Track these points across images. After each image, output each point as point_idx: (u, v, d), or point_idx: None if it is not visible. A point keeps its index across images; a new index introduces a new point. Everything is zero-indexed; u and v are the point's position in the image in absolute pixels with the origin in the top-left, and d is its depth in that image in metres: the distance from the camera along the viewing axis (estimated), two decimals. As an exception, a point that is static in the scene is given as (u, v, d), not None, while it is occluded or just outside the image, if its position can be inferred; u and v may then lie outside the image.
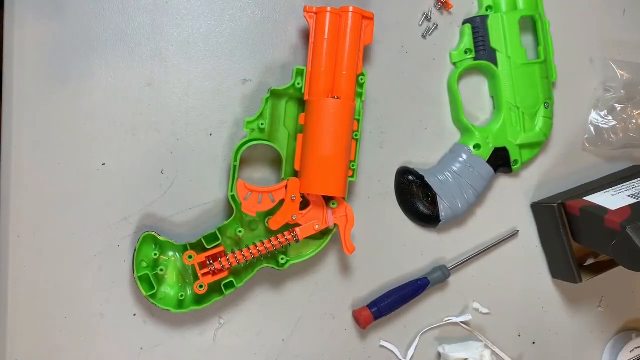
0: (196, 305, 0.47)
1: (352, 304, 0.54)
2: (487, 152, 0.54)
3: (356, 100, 0.49)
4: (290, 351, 0.53)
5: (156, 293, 0.47)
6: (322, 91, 0.47)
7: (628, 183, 0.56)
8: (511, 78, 0.54)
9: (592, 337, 0.62)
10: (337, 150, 0.46)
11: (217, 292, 0.48)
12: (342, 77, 0.47)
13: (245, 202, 0.47)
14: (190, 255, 0.46)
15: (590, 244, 0.54)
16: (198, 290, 0.46)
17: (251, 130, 0.47)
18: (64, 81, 0.46)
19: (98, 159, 0.47)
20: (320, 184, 0.46)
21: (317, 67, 0.47)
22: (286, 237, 0.48)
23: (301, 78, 0.48)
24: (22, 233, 0.46)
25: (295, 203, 0.47)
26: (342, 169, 0.47)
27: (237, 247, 0.48)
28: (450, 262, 0.56)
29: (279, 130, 0.49)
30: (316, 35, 0.47)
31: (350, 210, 0.49)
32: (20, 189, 0.46)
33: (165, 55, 0.49)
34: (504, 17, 0.54)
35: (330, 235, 0.50)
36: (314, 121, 0.46)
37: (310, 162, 0.46)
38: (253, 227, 0.49)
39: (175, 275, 0.48)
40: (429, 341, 0.57)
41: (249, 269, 0.48)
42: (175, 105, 0.49)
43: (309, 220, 0.48)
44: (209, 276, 0.47)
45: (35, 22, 0.46)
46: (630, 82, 0.59)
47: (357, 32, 0.48)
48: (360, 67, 0.48)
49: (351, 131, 0.47)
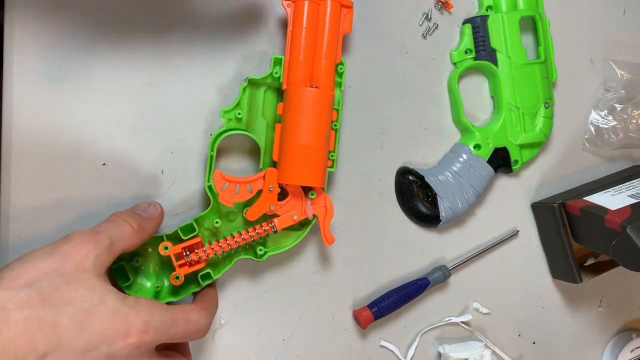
0: (173, 296, 0.47)
1: (352, 304, 0.54)
2: (487, 152, 0.54)
3: (335, 89, 0.49)
4: (290, 351, 0.53)
5: (132, 284, 0.46)
6: (301, 80, 0.46)
7: (628, 183, 0.56)
8: (511, 78, 0.54)
9: (593, 337, 0.62)
10: (315, 139, 0.45)
11: (195, 284, 0.47)
12: (321, 66, 0.47)
13: (223, 192, 0.46)
14: (166, 246, 0.45)
15: (590, 244, 0.54)
16: (174, 282, 0.45)
17: (228, 119, 0.47)
18: (64, 81, 0.46)
19: (98, 159, 0.47)
20: (299, 174, 0.46)
21: (295, 56, 0.46)
22: (264, 228, 0.47)
23: (279, 67, 0.47)
24: (22, 233, 0.46)
25: (273, 194, 0.47)
26: (321, 159, 0.46)
27: (215, 238, 0.48)
28: (450, 262, 0.56)
29: (257, 120, 0.48)
30: (294, 24, 0.46)
31: (330, 200, 0.48)
32: (20, 189, 0.46)
33: (166, 55, 0.49)
34: (504, 17, 0.54)
35: (310, 227, 0.49)
36: (292, 110, 0.46)
37: (288, 152, 0.46)
38: (231, 218, 0.48)
39: (152, 267, 0.47)
40: (429, 341, 0.57)
41: (227, 260, 0.48)
42: (175, 105, 0.49)
43: (287, 211, 0.47)
44: (186, 267, 0.46)
45: (35, 22, 0.45)
46: (631, 82, 0.59)
47: (336, 20, 0.47)
48: (339, 56, 0.48)
49: (330, 121, 0.47)
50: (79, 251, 0.38)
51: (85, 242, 0.38)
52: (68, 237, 0.39)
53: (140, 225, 0.43)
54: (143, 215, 0.44)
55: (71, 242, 0.38)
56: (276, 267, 0.52)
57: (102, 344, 0.36)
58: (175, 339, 0.40)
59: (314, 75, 0.47)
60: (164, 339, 0.39)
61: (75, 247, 0.38)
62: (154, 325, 0.38)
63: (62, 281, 0.36)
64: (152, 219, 0.44)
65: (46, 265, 0.37)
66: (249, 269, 0.52)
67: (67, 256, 0.37)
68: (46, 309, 0.35)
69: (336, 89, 0.49)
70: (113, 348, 0.36)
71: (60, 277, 0.36)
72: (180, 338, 0.41)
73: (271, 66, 0.47)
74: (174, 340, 0.40)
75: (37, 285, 0.36)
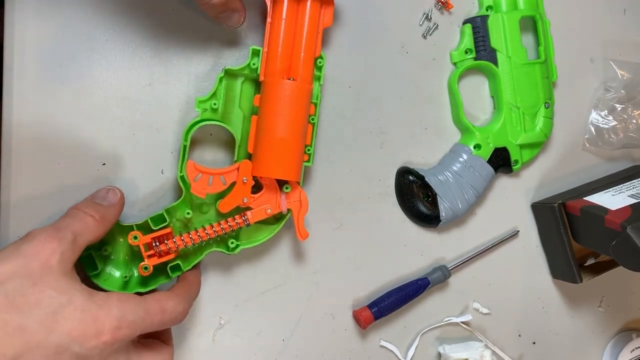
0: (141, 287, 0.46)
1: (352, 304, 0.54)
2: (488, 152, 0.54)
3: (314, 83, 0.48)
4: (290, 351, 0.53)
5: (100, 273, 0.45)
6: (278, 72, 0.46)
7: (628, 183, 0.56)
8: (511, 78, 0.54)
9: (593, 337, 0.62)
10: (291, 132, 0.45)
11: (164, 275, 0.46)
12: (300, 59, 0.46)
13: (195, 183, 0.45)
14: (135, 235, 0.44)
15: (590, 244, 0.54)
16: (142, 272, 0.44)
17: (203, 110, 0.46)
18: (64, 81, 0.46)
19: (98, 159, 0.47)
20: (273, 167, 0.45)
21: (273, 47, 0.46)
22: (237, 220, 0.46)
23: (257, 58, 0.47)
24: (22, 233, 0.46)
25: (247, 186, 0.46)
26: (297, 152, 0.46)
27: (186, 229, 0.47)
28: (450, 262, 0.56)
29: (234, 112, 0.48)
30: (273, 15, 0.46)
31: (305, 195, 0.48)
32: (21, 189, 0.46)
33: (166, 54, 0.49)
34: (504, 17, 0.54)
35: (284, 221, 0.49)
36: (269, 102, 0.45)
37: (263, 145, 0.45)
38: (204, 210, 0.48)
39: (122, 256, 0.47)
40: (429, 341, 0.57)
41: (198, 253, 0.47)
42: (175, 105, 0.49)
43: (261, 204, 0.47)
44: (155, 258, 0.45)
45: (35, 22, 0.45)
46: (631, 82, 0.59)
47: (316, 14, 0.47)
48: (319, 50, 0.47)
49: (307, 114, 0.46)
50: (43, 250, 0.37)
51: (48, 240, 0.37)
52: (29, 236, 0.38)
53: (102, 215, 0.41)
54: (103, 203, 0.43)
55: (33, 241, 0.37)
56: (276, 267, 0.52)
57: (73, 345, 0.35)
58: (152, 330, 0.40)
59: (292, 67, 0.46)
60: (140, 331, 0.38)
61: (38, 246, 0.37)
62: (127, 321, 0.37)
63: (28, 283, 0.35)
64: (113, 207, 0.43)
65: (10, 268, 0.36)
66: (249, 268, 0.52)
67: (31, 256, 0.36)
68: (12, 314, 0.34)
69: (315, 83, 0.48)
70: (85, 347, 0.36)
71: (25, 278, 0.35)
72: (156, 328, 0.40)
73: (249, 57, 0.47)
74: (150, 330, 0.40)
75: (2, 289, 0.35)
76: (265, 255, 0.52)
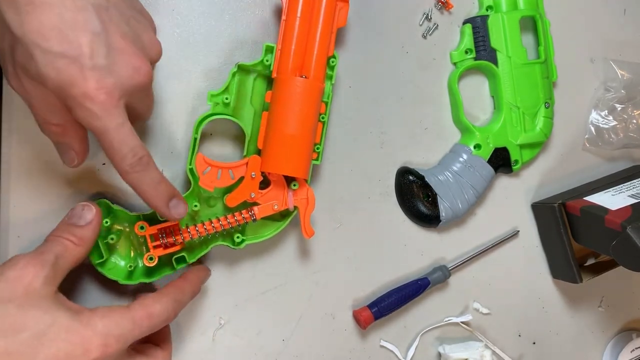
0: (146, 277, 0.46)
1: (352, 304, 0.54)
2: (488, 152, 0.54)
3: (326, 82, 0.48)
4: (290, 351, 0.53)
5: (105, 262, 0.45)
6: (291, 70, 0.46)
7: (629, 183, 0.56)
8: (511, 78, 0.54)
9: (593, 337, 0.62)
10: (301, 130, 0.45)
11: (169, 267, 0.47)
12: (313, 57, 0.46)
13: (204, 176, 0.45)
14: (142, 225, 0.44)
15: (590, 244, 0.54)
16: (148, 263, 0.44)
17: (215, 103, 0.46)
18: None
19: (98, 159, 0.47)
20: (282, 164, 0.45)
21: (287, 45, 0.46)
22: (243, 215, 0.46)
23: (271, 55, 0.47)
24: (22, 233, 0.46)
25: (255, 181, 0.46)
26: (306, 149, 0.46)
27: (193, 222, 0.47)
28: (450, 262, 0.56)
29: (245, 108, 0.48)
30: (288, 13, 0.46)
31: (312, 193, 0.48)
32: (20, 189, 0.46)
33: (166, 53, 0.49)
34: (504, 17, 0.54)
35: (290, 218, 0.49)
36: (280, 99, 0.45)
37: (273, 141, 0.45)
38: (211, 204, 0.48)
39: (127, 247, 0.47)
40: (429, 341, 0.57)
41: (203, 246, 0.47)
42: (175, 105, 0.49)
43: (268, 200, 0.47)
44: (160, 249, 0.45)
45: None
46: (631, 82, 0.59)
47: (331, 13, 0.47)
48: (332, 49, 0.48)
49: (318, 112, 0.46)
50: (27, 273, 0.37)
51: (32, 263, 0.37)
52: (12, 262, 0.38)
53: (80, 237, 0.41)
54: (79, 223, 0.42)
55: (17, 265, 0.37)
56: (277, 266, 0.52)
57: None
58: (142, 336, 0.40)
59: (304, 65, 0.47)
60: (130, 341, 0.39)
61: (22, 270, 0.37)
62: (114, 335, 0.37)
63: (12, 307, 0.36)
64: (89, 225, 0.42)
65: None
66: (250, 267, 0.52)
67: (15, 280, 0.37)
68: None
69: (326, 82, 0.48)
70: None
71: (10, 303, 0.36)
72: (147, 333, 0.40)
73: (263, 53, 0.47)
74: (142, 337, 0.40)
75: None
76: (267, 253, 0.52)
